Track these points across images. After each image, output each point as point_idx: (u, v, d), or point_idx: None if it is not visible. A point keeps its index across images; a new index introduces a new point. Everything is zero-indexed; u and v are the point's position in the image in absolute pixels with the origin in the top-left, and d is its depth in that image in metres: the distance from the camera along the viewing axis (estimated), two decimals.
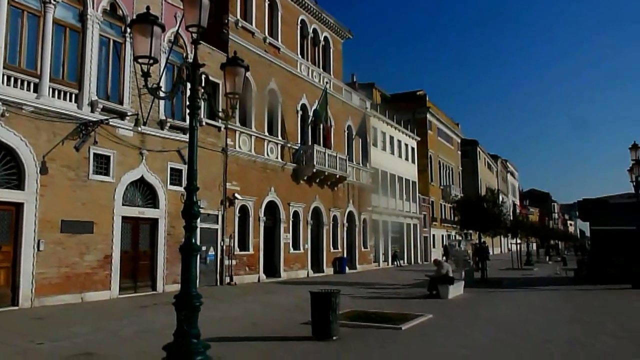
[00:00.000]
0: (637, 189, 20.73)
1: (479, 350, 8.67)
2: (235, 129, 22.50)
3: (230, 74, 7.16)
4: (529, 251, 44.42)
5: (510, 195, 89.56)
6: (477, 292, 18.77)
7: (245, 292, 18.52)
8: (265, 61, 24.94)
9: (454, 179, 58.87)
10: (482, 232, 25.55)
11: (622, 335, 9.89)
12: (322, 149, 28.08)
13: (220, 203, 21.30)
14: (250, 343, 9.21)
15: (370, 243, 35.49)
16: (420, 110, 50.25)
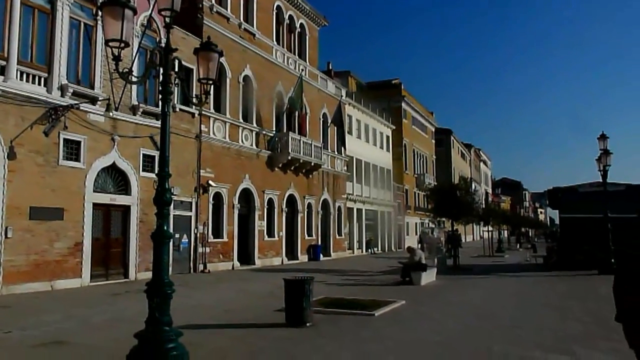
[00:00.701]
0: (605, 178, 21.22)
1: (450, 335, 8.81)
2: (210, 115, 22.29)
3: (203, 59, 7.04)
4: (500, 239, 45.21)
5: (482, 183, 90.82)
6: (449, 278, 19.05)
7: (218, 279, 18.47)
8: (240, 47, 24.69)
9: (428, 168, 59.43)
10: (454, 220, 25.89)
11: (588, 320, 10.16)
12: (297, 137, 28.01)
13: (194, 190, 21.13)
14: (224, 330, 9.20)
15: (345, 230, 35.66)
16: (396, 98, 50.48)
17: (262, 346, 7.94)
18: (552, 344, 8.07)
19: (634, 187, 23.80)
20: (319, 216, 31.71)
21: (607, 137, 21.11)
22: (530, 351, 7.55)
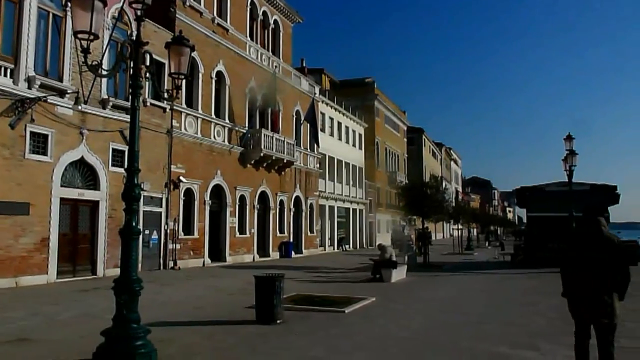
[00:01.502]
0: (571, 178, 21.72)
1: (419, 331, 8.92)
2: (181, 110, 22.05)
3: (175, 54, 6.98)
4: (469, 236, 45.87)
5: (453, 182, 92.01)
6: (419, 275, 19.27)
7: (189, 276, 18.31)
8: (213, 42, 24.49)
9: (400, 166, 59.91)
10: (425, 217, 26.16)
11: (553, 316, 10.39)
12: (270, 133, 27.93)
13: (165, 186, 20.89)
14: (193, 327, 9.13)
15: (317, 228, 35.72)
16: (369, 97, 50.73)
17: (231, 343, 7.92)
18: (518, 339, 8.24)
19: (598, 186, 24.44)
20: (291, 213, 31.69)
21: (573, 138, 21.60)
22: (497, 346, 7.69)
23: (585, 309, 5.26)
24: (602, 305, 5.14)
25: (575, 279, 5.38)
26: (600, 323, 5.19)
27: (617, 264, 5.20)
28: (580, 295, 5.31)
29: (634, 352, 7.42)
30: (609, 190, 24.55)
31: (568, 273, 5.51)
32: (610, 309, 5.15)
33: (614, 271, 5.17)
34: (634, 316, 10.46)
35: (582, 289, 5.29)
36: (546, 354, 7.30)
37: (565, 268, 5.60)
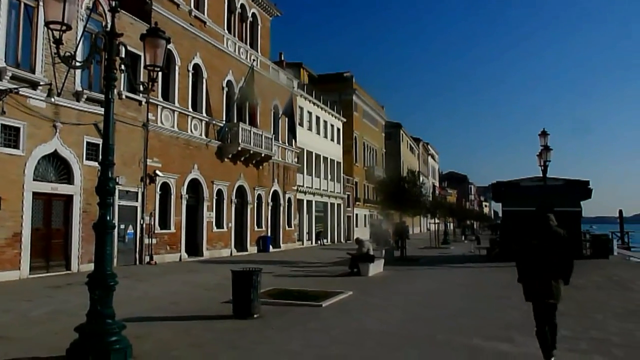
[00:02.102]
0: (545, 173, 22.06)
1: (396, 324, 8.99)
2: (157, 103, 21.79)
3: (150, 46, 6.87)
4: (446, 231, 46.36)
5: (430, 177, 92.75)
6: (396, 269, 19.40)
7: (165, 271, 18.16)
8: (190, 34, 24.22)
9: (378, 160, 60.16)
10: (402, 212, 26.33)
11: (527, 309, 10.49)
12: (248, 127, 27.78)
13: (141, 180, 20.64)
14: (169, 322, 9.06)
15: (295, 222, 35.70)
16: (347, 91, 50.74)
17: (208, 338, 7.87)
18: (492, 331, 8.35)
19: (572, 182, 24.88)
20: (269, 207, 31.61)
21: (547, 133, 21.92)
22: (471, 339, 7.79)
23: (537, 291, 6.19)
24: (550, 288, 6.11)
25: (528, 267, 6.31)
26: (548, 303, 6.19)
27: (563, 254, 6.21)
28: (533, 280, 6.22)
29: (603, 342, 7.57)
30: (582, 185, 25.01)
31: (523, 262, 6.41)
32: (556, 291, 6.14)
33: (560, 260, 6.17)
34: (605, 308, 10.71)
35: (534, 275, 6.22)
36: (520, 345, 7.42)
37: (520, 258, 6.50)
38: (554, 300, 6.17)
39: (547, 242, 6.24)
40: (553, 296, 6.14)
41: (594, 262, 22.72)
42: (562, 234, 6.31)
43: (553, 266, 6.15)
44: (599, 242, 25.73)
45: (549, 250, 6.19)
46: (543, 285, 6.15)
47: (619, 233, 44.36)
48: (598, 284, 14.80)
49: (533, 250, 6.32)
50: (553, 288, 6.11)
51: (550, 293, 6.13)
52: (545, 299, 6.16)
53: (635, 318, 9.50)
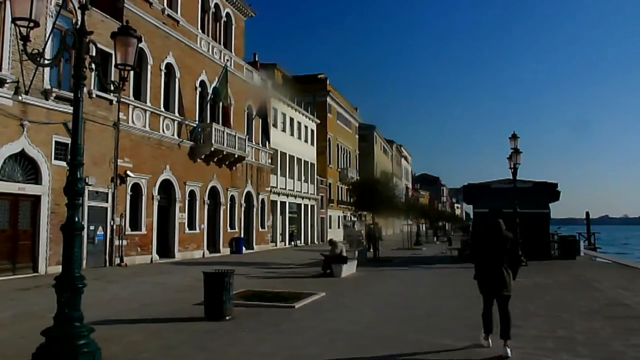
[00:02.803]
0: (515, 175, 22.44)
1: (368, 325, 9.03)
2: (129, 102, 21.50)
3: (121, 44, 6.77)
4: (418, 232, 46.75)
5: (403, 178, 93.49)
6: (369, 270, 19.50)
7: (136, 273, 17.91)
8: (163, 33, 23.97)
9: (352, 162, 60.40)
10: (375, 213, 26.47)
11: (494, 308, 10.72)
12: (221, 128, 27.60)
13: (111, 180, 20.33)
14: (139, 325, 8.94)
15: (268, 223, 35.60)
16: (321, 93, 50.85)
17: (179, 340, 7.79)
18: (462, 332, 8.46)
19: (540, 184, 25.37)
20: (242, 209, 31.45)
21: (517, 137, 22.30)
22: (442, 339, 7.88)
23: (491, 285, 7.20)
24: (502, 282, 7.10)
25: (482, 264, 7.32)
26: (501, 295, 7.13)
27: (511, 253, 7.25)
28: (487, 275, 7.23)
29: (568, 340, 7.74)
30: (550, 187, 25.52)
31: (478, 260, 7.45)
32: (508, 284, 7.12)
33: (509, 258, 7.21)
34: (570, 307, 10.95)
35: (487, 271, 7.24)
36: (489, 344, 7.52)
37: (475, 256, 7.63)
38: (507, 292, 7.12)
39: (498, 244, 7.22)
40: (506, 289, 7.11)
41: (561, 262, 23.22)
42: (510, 237, 7.36)
43: (503, 264, 7.16)
44: (567, 243, 26.27)
45: (500, 251, 7.18)
46: (497, 280, 7.13)
47: (586, 234, 45.37)
48: (565, 284, 15.13)
49: (486, 250, 7.33)
50: (505, 282, 7.11)
51: (503, 286, 7.11)
52: (500, 292, 7.13)
53: (600, 317, 9.74)
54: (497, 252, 7.16)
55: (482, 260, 7.36)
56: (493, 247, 7.23)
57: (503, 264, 7.14)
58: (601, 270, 20.46)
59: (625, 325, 8.98)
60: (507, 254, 7.18)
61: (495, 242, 7.24)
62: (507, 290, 7.10)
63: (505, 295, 7.12)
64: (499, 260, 7.14)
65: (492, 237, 7.33)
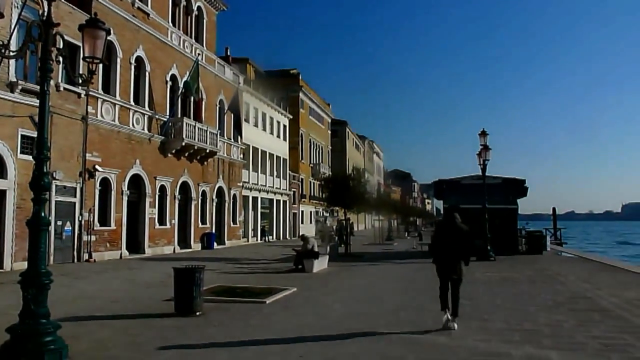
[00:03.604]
0: (484, 172, 22.83)
1: (339, 319, 9.10)
2: (98, 96, 21.13)
3: (89, 37, 6.67)
4: (390, 227, 47.14)
5: (375, 174, 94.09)
6: (341, 265, 19.61)
7: (105, 269, 17.67)
8: (133, 26, 23.59)
9: (324, 158, 60.53)
10: (347, 209, 26.60)
11: (464, 302, 10.88)
12: (192, 122, 27.35)
13: (79, 175, 19.97)
14: (108, 321, 8.84)
15: (240, 219, 35.46)
16: (293, 88, 50.75)
17: (148, 336, 7.74)
18: (431, 325, 8.59)
19: (509, 180, 25.86)
20: (213, 204, 31.25)
21: (487, 133, 22.69)
22: (411, 333, 8.00)
23: (445, 270, 8.32)
24: (454, 268, 8.26)
25: (439, 252, 8.43)
26: (453, 279, 8.28)
27: (464, 243, 8.37)
28: (443, 262, 8.35)
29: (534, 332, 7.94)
30: (518, 183, 26.04)
31: (436, 248, 8.57)
32: (459, 270, 8.28)
33: (461, 247, 8.35)
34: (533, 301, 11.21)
35: (443, 258, 8.36)
36: (456, 338, 7.67)
37: (434, 245, 8.73)
38: (457, 276, 8.27)
39: (453, 235, 8.38)
40: (457, 273, 8.27)
41: (528, 257, 23.72)
42: (464, 229, 8.43)
43: (457, 252, 8.31)
44: (534, 238, 26.82)
45: (454, 241, 8.33)
46: (450, 266, 8.27)
47: (552, 230, 46.39)
48: (531, 278, 15.47)
49: (443, 240, 8.47)
50: (457, 268, 8.26)
51: (455, 271, 8.26)
52: (452, 276, 8.25)
53: (564, 310, 10.00)
54: (451, 241, 8.34)
55: (439, 249, 8.49)
56: (448, 237, 8.42)
57: (456, 252, 8.31)
58: (566, 264, 20.99)
59: (587, 317, 9.26)
60: (460, 243, 8.33)
61: (450, 233, 8.43)
62: (458, 275, 8.27)
63: (455, 279, 8.28)
64: (452, 248, 8.31)
65: (448, 229, 8.55)
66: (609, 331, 8.10)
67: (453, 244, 8.31)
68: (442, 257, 8.37)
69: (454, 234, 8.37)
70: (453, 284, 8.27)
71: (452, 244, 8.31)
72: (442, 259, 8.36)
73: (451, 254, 8.29)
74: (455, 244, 8.31)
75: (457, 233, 8.37)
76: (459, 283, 8.30)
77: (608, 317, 9.21)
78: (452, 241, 8.33)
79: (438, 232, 9.00)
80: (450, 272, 8.25)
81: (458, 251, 8.31)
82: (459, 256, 8.33)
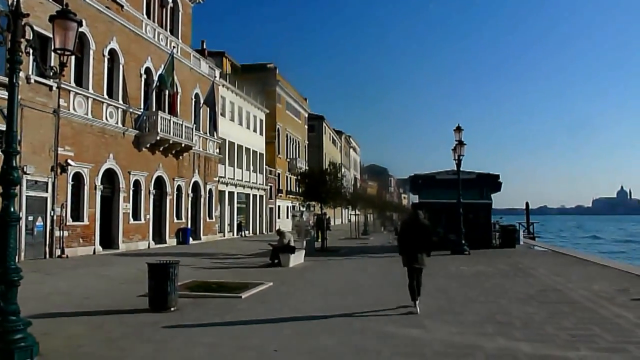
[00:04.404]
0: (459, 167, 23.07)
1: (314, 313, 9.12)
2: (70, 89, 20.75)
3: (60, 28, 6.53)
4: (366, 222, 47.38)
5: (352, 169, 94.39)
6: (317, 260, 19.65)
7: (78, 265, 17.41)
8: (106, 18, 23.20)
9: (301, 152, 60.46)
10: (323, 203, 26.65)
11: (439, 296, 11.06)
12: (167, 116, 27.06)
13: (51, 169, 19.62)
14: (81, 317, 8.73)
15: (216, 213, 35.25)
16: (270, 83, 50.54)
17: (122, 332, 7.66)
18: (405, 319, 8.69)
19: (483, 175, 26.17)
20: (189, 199, 31.00)
21: (462, 129, 22.92)
22: (386, 326, 8.07)
23: (410, 260, 9.39)
24: (417, 258, 9.34)
25: (405, 245, 9.54)
26: (416, 268, 9.37)
27: (425, 237, 9.47)
28: (408, 253, 9.44)
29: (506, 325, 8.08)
30: (492, 178, 26.36)
31: (402, 242, 9.71)
32: (421, 260, 9.37)
33: (423, 240, 9.44)
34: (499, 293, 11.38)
35: (408, 250, 9.44)
36: (430, 331, 7.76)
37: (400, 239, 9.90)
38: (418, 265, 9.36)
39: (416, 230, 9.48)
40: (419, 263, 9.36)
41: (502, 251, 24.08)
42: (427, 225, 9.63)
43: (420, 245, 9.39)
44: (507, 232, 27.20)
45: (417, 235, 9.43)
46: (414, 256, 9.34)
47: (526, 224, 47.14)
48: (504, 272, 15.72)
49: (408, 235, 9.56)
50: (419, 258, 9.34)
51: (417, 261, 9.33)
52: (415, 265, 9.33)
53: (535, 302, 10.20)
54: (414, 235, 9.45)
55: (404, 241, 9.61)
56: (412, 232, 9.51)
57: (419, 245, 9.38)
58: (538, 258, 21.36)
59: (557, 309, 9.45)
60: (422, 237, 9.43)
61: (414, 228, 9.57)
62: (420, 264, 9.36)
63: (418, 268, 9.38)
64: (415, 241, 9.41)
65: (412, 225, 9.67)
66: (577, 323, 8.29)
67: (417, 238, 9.42)
68: (407, 249, 9.46)
69: (417, 229, 9.48)
70: (417, 272, 9.41)
71: (416, 237, 9.42)
72: (407, 251, 9.46)
73: (415, 247, 9.39)
74: (419, 238, 9.42)
75: (420, 228, 9.49)
76: (420, 271, 9.48)
77: (577, 309, 9.42)
78: (415, 236, 9.44)
79: (404, 227, 10.12)
80: (414, 262, 9.34)
81: (421, 244, 9.40)
82: (421, 248, 9.39)
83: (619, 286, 12.36)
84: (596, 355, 6.45)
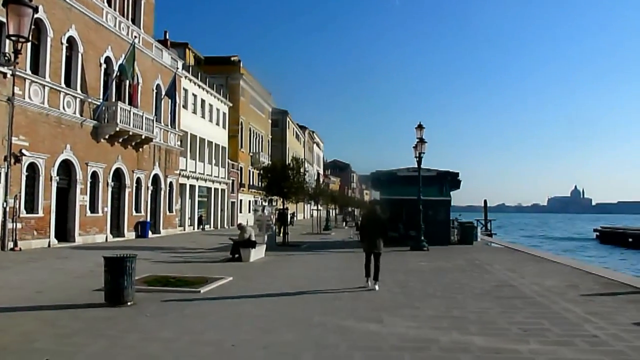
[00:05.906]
0: (420, 164, 23.43)
1: (274, 308, 9.14)
2: (25, 77, 20.11)
3: (14, 13, 6.34)
4: (328, 217, 47.57)
5: (315, 164, 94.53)
6: (278, 255, 19.65)
7: (31, 258, 16.93)
8: (65, 4, 22.55)
9: (264, 147, 60.18)
10: (285, 198, 26.63)
11: (397, 291, 11.24)
12: (127, 107, 26.54)
13: (4, 159, 19.00)
14: (33, 313, 8.50)
15: (176, 207, 34.80)
16: (234, 76, 50.08)
17: (76, 328, 7.50)
18: (364, 313, 8.79)
19: (443, 173, 26.66)
20: (148, 192, 30.50)
21: (423, 127, 23.26)
22: (345, 320, 8.15)
23: (369, 246, 11.49)
24: (376, 244, 11.44)
25: (365, 234, 11.86)
26: (375, 253, 11.41)
27: (381, 228, 11.70)
28: (368, 240, 11.61)
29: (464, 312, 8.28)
30: (452, 176, 26.90)
31: (363, 231, 12.25)
32: (380, 245, 11.47)
33: (380, 230, 11.64)
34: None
35: (368, 238, 11.63)
36: (387, 325, 7.88)
37: (361, 229, 12.63)
38: (377, 250, 11.40)
39: (374, 222, 11.69)
40: (377, 248, 11.42)
41: (460, 247, 24.60)
42: (383, 218, 11.93)
43: (377, 233, 11.52)
44: (465, 229, 27.79)
45: (375, 226, 11.62)
46: (373, 243, 11.43)
47: (484, 221, 48.20)
48: (461, 268, 16.07)
49: (367, 225, 11.80)
50: (377, 245, 11.43)
51: (376, 247, 11.41)
52: (374, 250, 11.40)
53: (490, 297, 10.48)
54: (373, 226, 11.60)
55: (364, 232, 11.95)
56: (371, 223, 11.70)
57: (376, 233, 11.50)
58: (494, 254, 21.91)
59: (511, 304, 9.73)
60: (379, 227, 11.60)
61: (372, 220, 11.77)
62: (378, 250, 11.40)
63: (377, 253, 11.39)
64: (374, 231, 11.52)
65: (371, 217, 11.93)
66: (529, 317, 8.56)
67: (374, 228, 11.56)
68: (367, 238, 11.66)
69: (375, 221, 11.69)
70: (375, 257, 11.39)
71: (374, 228, 11.56)
72: (367, 239, 11.63)
73: (373, 235, 11.48)
74: (376, 228, 11.57)
75: (377, 220, 11.75)
76: (379, 256, 11.42)
77: (529, 304, 9.72)
78: (373, 226, 11.59)
79: (364, 219, 12.66)
80: (373, 248, 11.40)
81: (378, 233, 11.52)
82: (379, 236, 11.49)
83: (569, 282, 12.81)
84: (545, 348, 6.68)
